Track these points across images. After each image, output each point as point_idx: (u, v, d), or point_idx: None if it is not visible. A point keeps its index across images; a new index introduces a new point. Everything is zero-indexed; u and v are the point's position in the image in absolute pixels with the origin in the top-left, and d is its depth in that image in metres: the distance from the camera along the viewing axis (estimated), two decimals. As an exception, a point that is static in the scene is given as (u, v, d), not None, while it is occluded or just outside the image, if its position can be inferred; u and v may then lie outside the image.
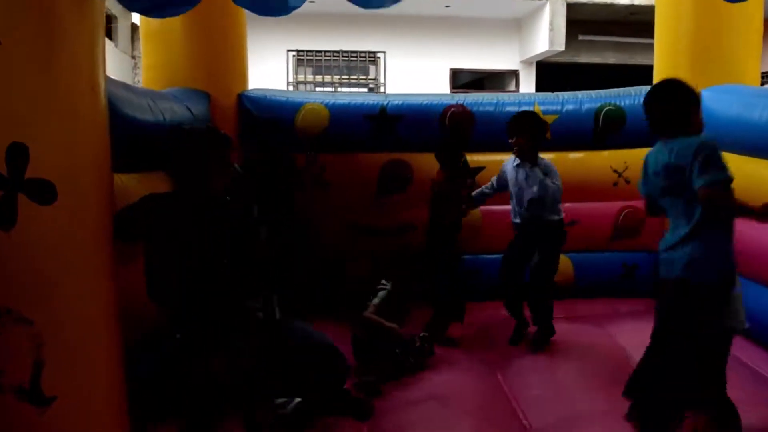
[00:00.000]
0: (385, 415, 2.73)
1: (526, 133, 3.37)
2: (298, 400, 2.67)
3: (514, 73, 11.53)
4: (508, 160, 3.61)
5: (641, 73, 9.14)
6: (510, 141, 3.42)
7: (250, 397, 2.50)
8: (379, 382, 2.97)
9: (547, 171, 3.39)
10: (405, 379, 3.08)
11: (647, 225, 4.45)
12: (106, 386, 2.07)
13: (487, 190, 3.78)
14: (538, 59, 11.12)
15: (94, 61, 2.01)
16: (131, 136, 2.60)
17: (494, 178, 3.73)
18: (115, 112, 2.31)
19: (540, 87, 11.27)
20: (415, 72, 10.81)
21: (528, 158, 3.42)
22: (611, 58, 11.66)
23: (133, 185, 2.59)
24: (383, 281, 3.39)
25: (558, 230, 3.53)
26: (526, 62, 11.30)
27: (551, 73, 11.53)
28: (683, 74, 4.28)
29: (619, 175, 4.39)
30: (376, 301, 3.26)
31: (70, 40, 1.90)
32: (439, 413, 2.75)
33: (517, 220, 3.56)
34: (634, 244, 4.47)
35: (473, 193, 3.80)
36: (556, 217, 3.48)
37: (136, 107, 2.73)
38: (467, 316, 3.98)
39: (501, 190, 3.70)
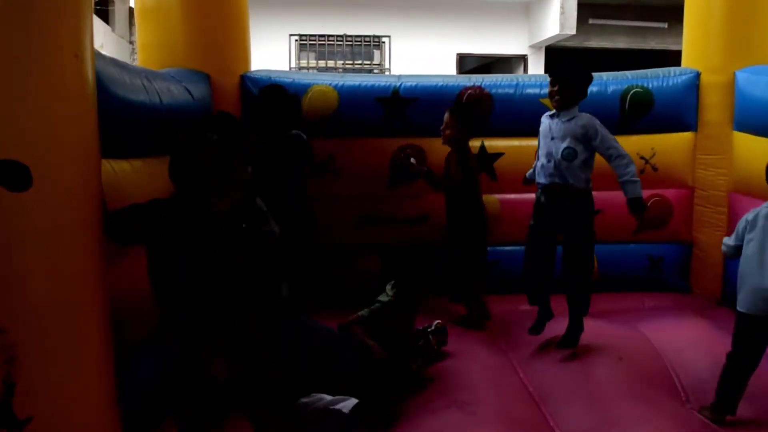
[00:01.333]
0: (403, 425, 2.50)
1: (568, 82, 3.03)
2: (354, 400, 2.45)
3: (523, 59, 11.23)
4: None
5: (654, 58, 8.91)
6: (550, 90, 3.07)
7: (252, 400, 2.27)
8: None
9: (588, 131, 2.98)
10: (423, 382, 2.85)
11: (675, 215, 4.22)
12: (95, 402, 1.80)
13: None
14: (548, 44, 10.82)
15: (78, 19, 1.71)
16: (122, 117, 2.33)
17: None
18: (102, 90, 2.03)
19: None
20: (420, 57, 10.51)
21: (565, 109, 3.05)
22: (622, 43, 11.34)
23: (125, 172, 2.36)
24: (387, 289, 2.95)
25: (583, 199, 3.08)
26: (535, 47, 10.99)
27: (561, 59, 11.22)
28: (716, 56, 4.10)
29: (646, 161, 4.13)
30: (364, 312, 2.85)
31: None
32: (463, 420, 2.51)
33: (541, 180, 3.13)
34: (660, 236, 4.23)
35: (527, 174, 3.42)
36: (582, 185, 3.05)
37: (128, 86, 2.44)
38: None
39: None
